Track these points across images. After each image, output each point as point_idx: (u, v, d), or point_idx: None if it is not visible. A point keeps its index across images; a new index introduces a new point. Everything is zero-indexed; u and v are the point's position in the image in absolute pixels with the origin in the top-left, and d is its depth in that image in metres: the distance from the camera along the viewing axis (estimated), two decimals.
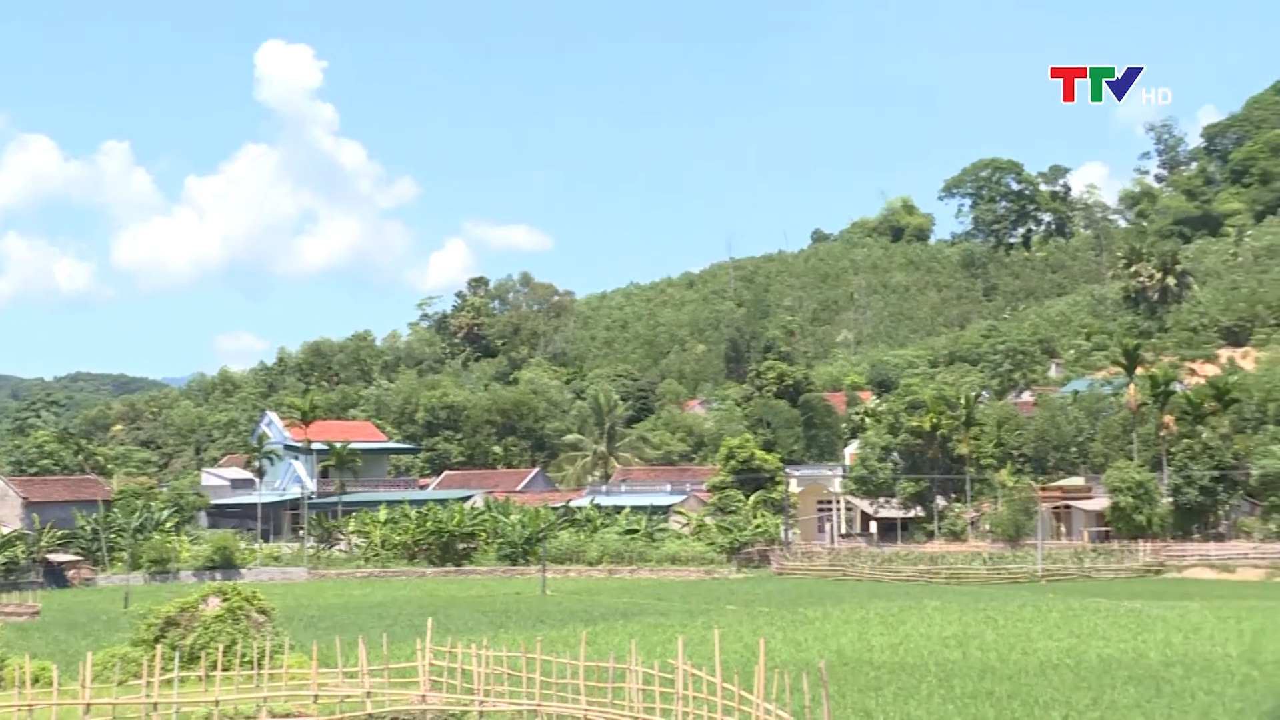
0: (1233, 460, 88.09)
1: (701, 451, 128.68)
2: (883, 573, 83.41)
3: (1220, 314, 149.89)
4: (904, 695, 29.67)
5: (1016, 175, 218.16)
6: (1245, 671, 32.49)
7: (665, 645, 36.69)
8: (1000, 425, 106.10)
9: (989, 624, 46.05)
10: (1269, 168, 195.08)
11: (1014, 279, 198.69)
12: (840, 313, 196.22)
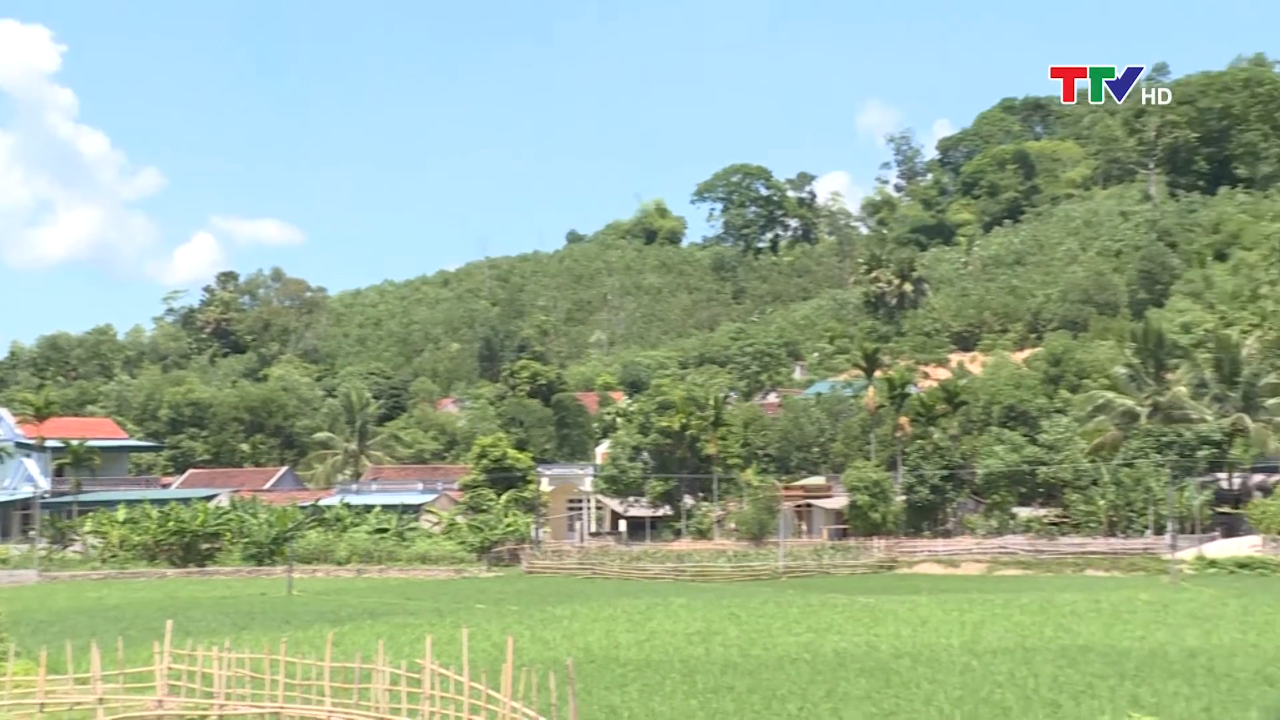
0: (960, 460, 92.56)
1: (454, 450, 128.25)
2: (631, 571, 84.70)
3: (952, 320, 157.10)
4: (649, 691, 30.36)
5: (765, 181, 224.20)
6: (965, 661, 34.29)
7: (413, 645, 36.64)
8: (747, 426, 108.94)
9: (732, 620, 47.34)
10: (996, 181, 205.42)
11: (762, 283, 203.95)
12: (594, 313, 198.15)
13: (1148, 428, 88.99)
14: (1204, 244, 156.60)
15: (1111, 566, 79.21)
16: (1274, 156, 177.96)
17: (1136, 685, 28.82)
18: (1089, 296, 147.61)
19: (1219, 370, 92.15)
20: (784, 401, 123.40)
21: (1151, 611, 47.75)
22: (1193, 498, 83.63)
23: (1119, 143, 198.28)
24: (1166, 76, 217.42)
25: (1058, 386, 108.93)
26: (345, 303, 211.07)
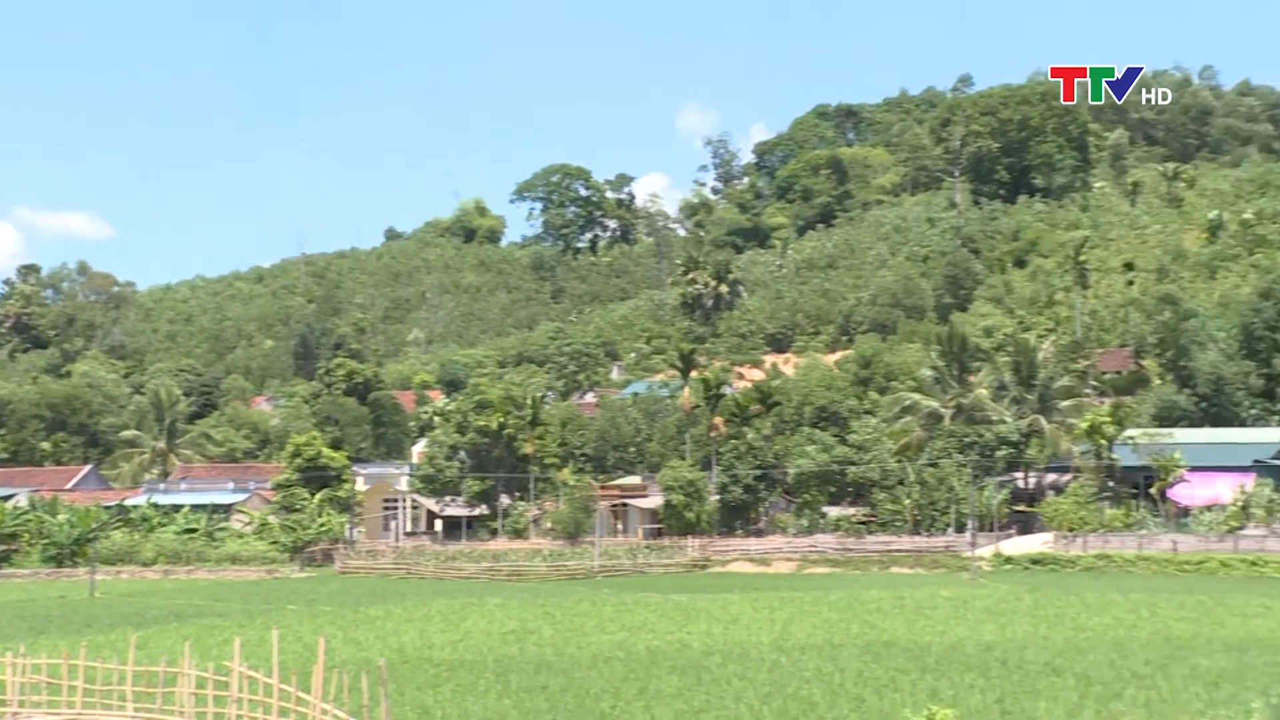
0: (773, 460, 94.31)
1: (267, 449, 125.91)
2: (447, 570, 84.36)
3: (766, 321, 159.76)
4: (462, 691, 30.42)
5: (585, 182, 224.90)
6: (775, 657, 35.09)
7: (221, 647, 36.06)
8: (564, 425, 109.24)
9: (547, 619, 47.61)
10: (810, 185, 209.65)
11: (581, 283, 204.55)
12: (412, 311, 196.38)
13: (951, 428, 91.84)
14: (1004, 251, 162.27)
15: (915, 564, 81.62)
16: (1068, 168, 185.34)
17: (936, 679, 29.84)
18: (898, 300, 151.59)
19: (1017, 373, 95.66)
20: (601, 401, 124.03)
21: (951, 607, 49.42)
22: (991, 497, 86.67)
23: (927, 151, 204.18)
24: (971, 88, 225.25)
25: (867, 388, 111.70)
26: (155, 298, 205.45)
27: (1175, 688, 27.37)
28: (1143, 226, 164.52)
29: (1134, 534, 79.88)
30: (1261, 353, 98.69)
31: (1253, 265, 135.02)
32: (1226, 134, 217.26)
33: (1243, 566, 71.72)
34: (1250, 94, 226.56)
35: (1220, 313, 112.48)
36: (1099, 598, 52.43)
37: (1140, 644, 35.82)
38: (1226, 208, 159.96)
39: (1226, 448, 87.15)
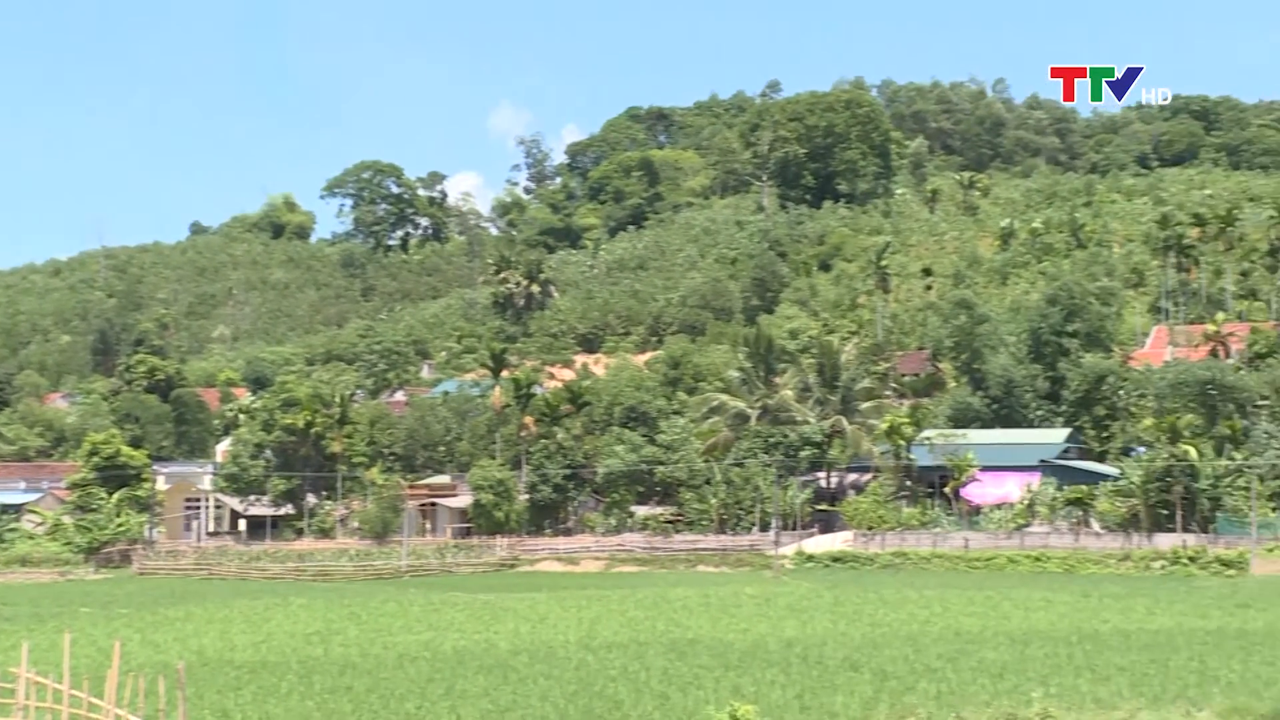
0: (583, 459, 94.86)
1: (62, 447, 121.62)
2: (250, 571, 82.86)
3: (577, 321, 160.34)
4: (264, 694, 30.03)
5: (397, 179, 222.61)
6: (581, 656, 35.43)
7: (8, 653, 34.87)
8: (373, 424, 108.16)
9: (352, 620, 47.19)
10: (621, 186, 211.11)
11: (392, 280, 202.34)
12: (218, 308, 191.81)
13: (757, 429, 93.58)
14: (810, 255, 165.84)
15: (721, 562, 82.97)
16: (871, 174, 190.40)
17: (739, 675, 30.50)
18: (707, 302, 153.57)
19: (821, 375, 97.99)
20: (411, 400, 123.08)
21: (755, 605, 50.50)
22: (795, 496, 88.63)
23: (736, 155, 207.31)
24: (779, 94, 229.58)
25: (676, 388, 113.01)
26: None
27: (964, 679, 28.42)
28: (941, 233, 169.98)
29: (929, 532, 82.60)
30: (1048, 356, 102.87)
31: (1041, 272, 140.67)
32: (1017, 145, 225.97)
33: (1028, 562, 74.88)
34: (1039, 108, 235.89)
35: (1011, 318, 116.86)
36: (895, 594, 54.12)
37: (933, 638, 37.12)
38: (1017, 216, 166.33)
39: (1015, 448, 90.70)
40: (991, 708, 24.40)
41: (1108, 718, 22.80)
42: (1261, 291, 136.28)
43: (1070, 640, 35.35)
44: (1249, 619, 41.31)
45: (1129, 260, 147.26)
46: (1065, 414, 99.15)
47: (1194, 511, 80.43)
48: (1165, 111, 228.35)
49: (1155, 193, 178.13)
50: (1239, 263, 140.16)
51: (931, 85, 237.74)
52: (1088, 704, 24.17)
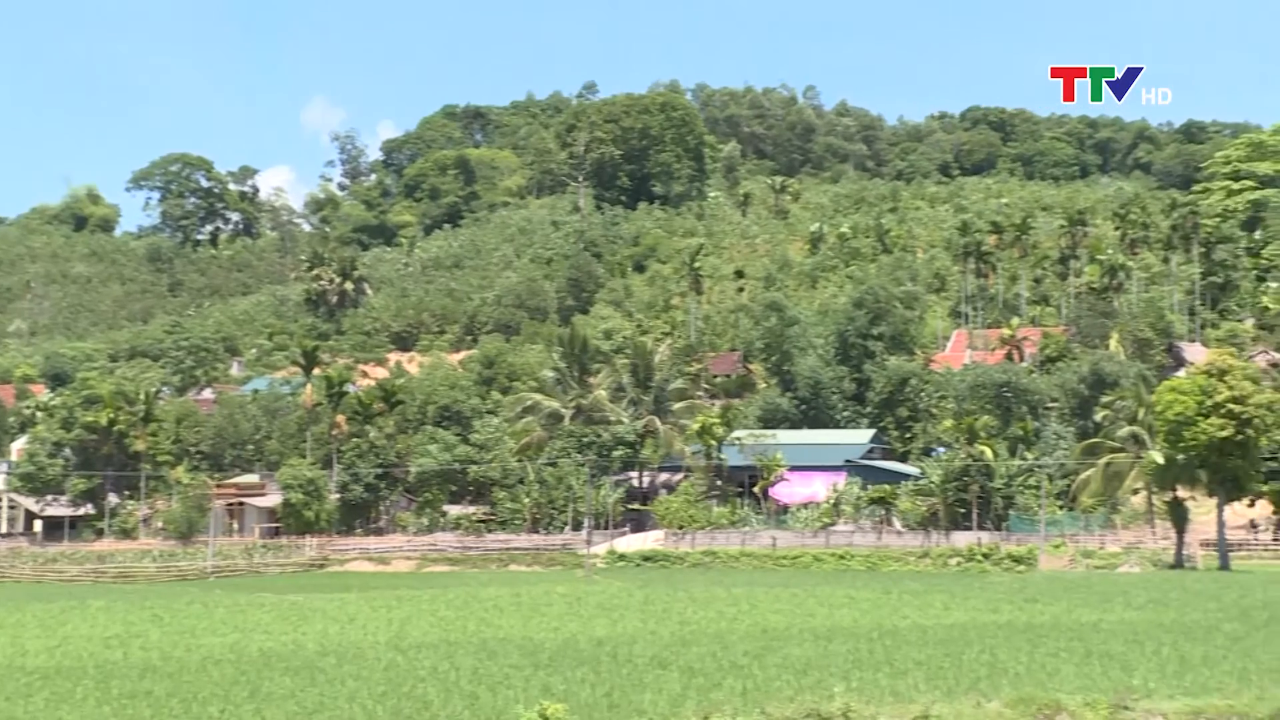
0: (395, 458, 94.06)
1: None
2: (46, 573, 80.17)
3: (392, 320, 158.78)
4: (57, 700, 29.13)
5: (206, 173, 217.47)
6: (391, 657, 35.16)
7: None
8: (179, 422, 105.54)
9: (154, 622, 46.01)
10: (438, 184, 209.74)
11: (200, 276, 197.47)
12: (14, 301, 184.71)
13: (570, 429, 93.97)
14: (625, 255, 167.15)
15: (533, 562, 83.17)
16: (685, 177, 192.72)
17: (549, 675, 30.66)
18: (522, 301, 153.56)
19: (635, 375, 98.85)
20: (220, 398, 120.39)
21: (566, 604, 50.73)
22: (608, 495, 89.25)
23: (552, 155, 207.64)
24: (595, 95, 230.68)
25: (490, 388, 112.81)
26: None
27: (769, 676, 29.02)
28: (753, 236, 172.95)
29: (738, 531, 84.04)
30: (854, 359, 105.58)
31: (848, 276, 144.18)
32: (827, 151, 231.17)
33: (833, 560, 76.81)
34: (848, 115, 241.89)
35: (820, 320, 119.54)
36: (704, 592, 54.91)
37: (740, 636, 37.81)
38: (826, 221, 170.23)
39: (822, 448, 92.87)
40: (795, 703, 24.94)
41: (905, 710, 23.56)
42: (1053, 297, 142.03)
43: (871, 636, 36.35)
44: (1036, 613, 43.05)
45: (931, 265, 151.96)
46: (870, 415, 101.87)
47: (989, 510, 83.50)
48: (965, 122, 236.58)
49: (956, 200, 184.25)
50: (1032, 269, 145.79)
51: (745, 90, 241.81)
52: (886, 697, 24.91)
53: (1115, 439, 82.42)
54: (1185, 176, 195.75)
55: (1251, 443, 65.72)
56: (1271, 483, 75.36)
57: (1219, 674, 26.56)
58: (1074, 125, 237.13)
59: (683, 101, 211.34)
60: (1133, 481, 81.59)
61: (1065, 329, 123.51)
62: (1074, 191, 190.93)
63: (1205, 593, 48.19)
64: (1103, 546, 76.29)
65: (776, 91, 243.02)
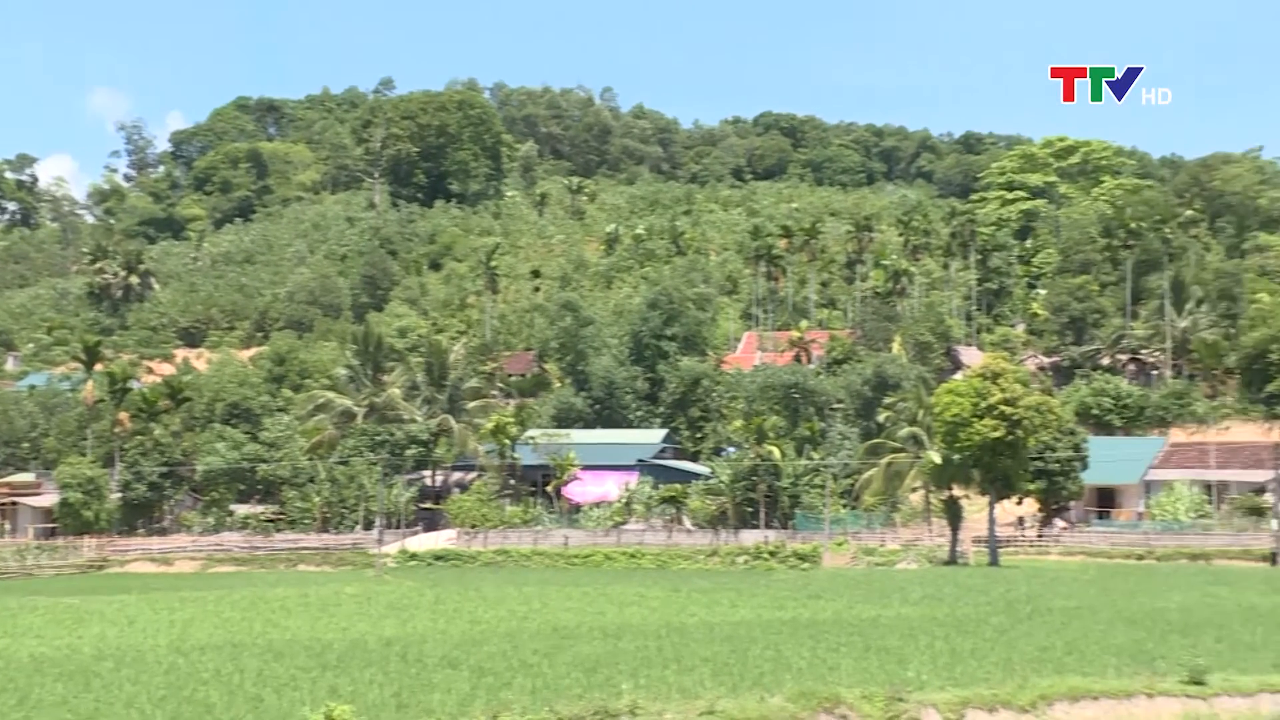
0: (181, 457, 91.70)
1: None
2: None
3: (179, 315, 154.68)
4: None
5: None
6: (172, 660, 34.39)
7: None
8: None
9: None
10: (229, 177, 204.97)
11: None
12: None
13: (364, 427, 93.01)
14: (421, 253, 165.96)
15: (323, 561, 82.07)
16: (482, 175, 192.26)
17: (337, 676, 30.40)
18: (315, 298, 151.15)
19: (429, 374, 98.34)
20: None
21: (356, 604, 50.26)
22: (400, 494, 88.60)
23: (348, 150, 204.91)
24: (392, 91, 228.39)
25: (281, 385, 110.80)
26: None
27: (559, 674, 29.33)
28: (549, 236, 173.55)
29: (531, 530, 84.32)
30: (648, 359, 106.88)
31: (643, 277, 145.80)
32: (623, 153, 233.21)
33: (624, 559, 77.69)
34: (644, 117, 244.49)
35: (614, 320, 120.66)
36: (496, 591, 54.99)
37: (530, 634, 38.05)
38: (622, 222, 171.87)
39: (615, 448, 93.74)
40: (584, 700, 25.26)
41: (691, 706, 24.03)
42: (840, 301, 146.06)
43: (660, 634, 36.96)
44: (819, 609, 44.34)
45: (724, 268, 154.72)
46: (663, 415, 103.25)
47: (776, 508, 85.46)
48: (758, 127, 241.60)
49: (749, 204, 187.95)
50: (820, 273, 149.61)
51: (543, 91, 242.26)
52: (673, 694, 25.36)
53: (896, 439, 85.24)
54: (964, 185, 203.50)
55: (1021, 443, 68.63)
56: (1038, 481, 78.94)
57: (986, 665, 27.84)
58: (861, 133, 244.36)
59: (480, 100, 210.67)
60: (912, 480, 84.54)
61: (851, 332, 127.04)
62: (861, 198, 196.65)
63: (976, 588, 50.29)
64: (883, 544, 78.82)
65: (574, 92, 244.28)
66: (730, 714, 22.44)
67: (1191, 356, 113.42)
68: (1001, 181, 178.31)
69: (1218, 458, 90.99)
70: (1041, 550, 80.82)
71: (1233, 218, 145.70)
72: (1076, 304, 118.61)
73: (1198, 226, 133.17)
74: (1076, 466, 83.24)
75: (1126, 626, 35.61)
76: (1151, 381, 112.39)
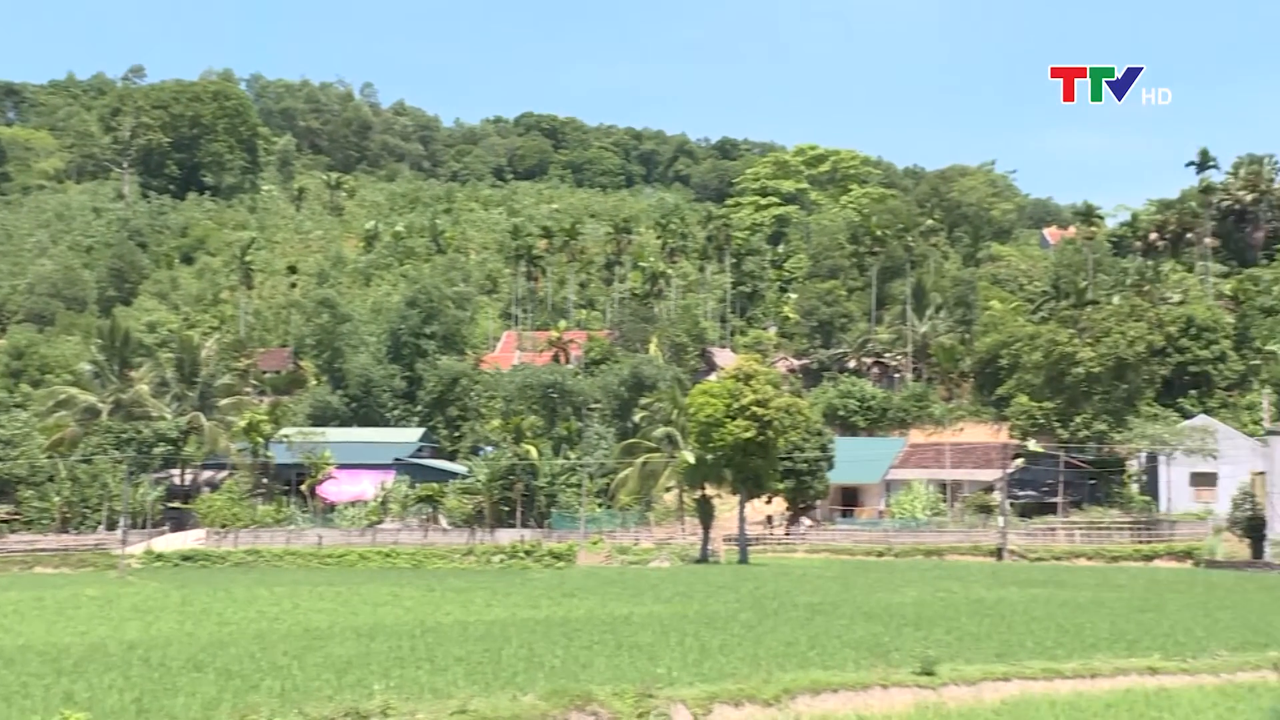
0: None
1: None
2: None
3: None
4: None
5: None
6: None
7: None
8: None
9: None
10: None
11: None
12: None
13: (109, 424, 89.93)
14: (172, 246, 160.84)
15: (62, 563, 79.02)
16: (238, 168, 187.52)
17: (73, 681, 29.43)
18: (58, 290, 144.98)
19: (180, 370, 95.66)
20: None
21: (97, 607, 48.65)
22: (147, 493, 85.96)
23: (95, 139, 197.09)
24: (143, 79, 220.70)
25: (19, 380, 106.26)
26: None
27: (309, 675, 29.02)
28: (306, 231, 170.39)
29: (284, 529, 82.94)
30: (406, 357, 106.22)
31: (403, 275, 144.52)
32: (384, 150, 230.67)
33: (379, 558, 77.11)
34: (405, 114, 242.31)
35: (373, 318, 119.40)
36: (246, 592, 53.96)
37: (281, 636, 37.52)
38: (382, 219, 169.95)
39: (372, 446, 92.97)
40: (334, 702, 25.12)
41: (443, 706, 24.14)
42: (599, 302, 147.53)
43: (414, 633, 36.93)
44: (573, 607, 44.92)
45: (484, 267, 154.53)
46: (421, 414, 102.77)
47: (532, 507, 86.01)
48: (519, 127, 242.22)
49: (509, 204, 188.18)
50: (580, 274, 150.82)
51: (301, 84, 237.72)
52: (426, 694, 25.41)
53: (652, 439, 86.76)
54: (720, 190, 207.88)
55: (771, 443, 70.68)
56: (787, 481, 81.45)
57: (734, 660, 28.75)
58: (621, 136, 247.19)
59: (236, 91, 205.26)
60: (666, 480, 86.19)
61: (609, 333, 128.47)
62: (620, 200, 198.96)
63: (726, 585, 51.68)
64: (637, 542, 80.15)
65: (334, 87, 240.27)
66: (483, 713, 22.69)
67: (930, 360, 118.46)
68: (756, 187, 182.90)
69: (952, 458, 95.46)
70: (789, 548, 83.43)
71: (969, 228, 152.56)
72: (825, 308, 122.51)
73: (937, 235, 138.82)
74: (823, 466, 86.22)
75: (865, 621, 37.14)
76: (894, 384, 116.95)
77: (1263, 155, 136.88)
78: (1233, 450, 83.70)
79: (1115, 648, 30.36)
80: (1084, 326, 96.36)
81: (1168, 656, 28.86)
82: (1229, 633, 33.91)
